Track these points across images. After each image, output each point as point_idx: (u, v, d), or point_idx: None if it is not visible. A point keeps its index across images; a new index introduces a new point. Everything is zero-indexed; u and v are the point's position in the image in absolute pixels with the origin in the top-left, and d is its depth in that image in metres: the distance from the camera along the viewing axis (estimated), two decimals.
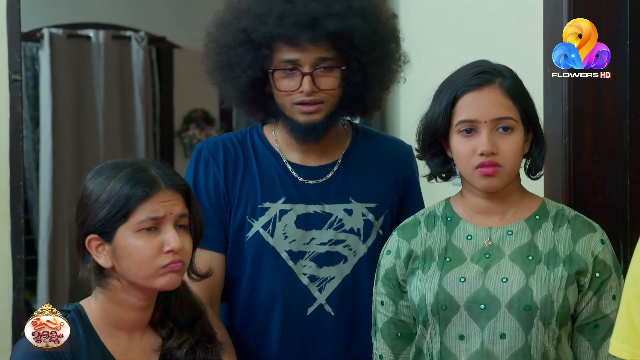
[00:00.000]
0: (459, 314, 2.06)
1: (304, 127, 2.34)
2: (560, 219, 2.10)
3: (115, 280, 1.96)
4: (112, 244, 1.94)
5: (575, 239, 2.06)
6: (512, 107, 2.06)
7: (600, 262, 2.05)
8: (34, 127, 6.39)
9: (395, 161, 2.50)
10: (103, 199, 1.93)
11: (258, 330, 2.41)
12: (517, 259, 2.06)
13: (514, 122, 2.06)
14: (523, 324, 2.01)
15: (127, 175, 1.95)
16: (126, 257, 1.93)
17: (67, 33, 6.42)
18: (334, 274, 2.40)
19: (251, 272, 2.39)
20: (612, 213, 2.45)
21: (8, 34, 3.43)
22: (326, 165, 2.44)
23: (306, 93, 2.29)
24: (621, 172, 2.45)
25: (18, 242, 3.45)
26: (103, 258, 1.95)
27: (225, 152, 2.43)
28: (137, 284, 1.95)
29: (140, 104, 6.70)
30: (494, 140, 2.04)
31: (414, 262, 2.16)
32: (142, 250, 1.93)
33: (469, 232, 2.13)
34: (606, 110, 2.45)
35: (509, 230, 2.10)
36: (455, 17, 2.99)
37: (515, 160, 2.07)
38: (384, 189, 2.46)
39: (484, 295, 2.04)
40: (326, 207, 2.40)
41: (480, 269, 2.07)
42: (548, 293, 2.01)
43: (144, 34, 6.65)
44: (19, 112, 3.44)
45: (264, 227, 2.38)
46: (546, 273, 2.03)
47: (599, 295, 2.05)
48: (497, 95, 2.06)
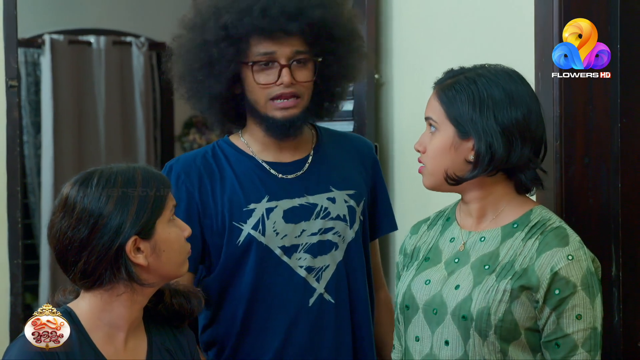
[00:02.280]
0: (417, 315, 2.07)
1: (281, 122, 2.36)
2: (537, 230, 2.02)
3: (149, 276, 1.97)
4: (151, 240, 1.96)
5: (540, 252, 1.96)
6: (437, 108, 2.06)
7: (561, 278, 1.93)
8: (36, 133, 6.39)
9: (360, 152, 2.56)
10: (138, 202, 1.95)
11: (261, 329, 2.41)
12: (474, 267, 2.02)
13: (435, 122, 2.06)
14: (462, 333, 1.98)
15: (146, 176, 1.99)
16: (168, 248, 1.98)
17: (68, 39, 6.43)
18: (328, 262, 2.42)
19: (249, 274, 2.39)
20: (603, 216, 2.43)
21: (4, 40, 3.43)
22: (300, 159, 2.47)
23: (285, 85, 2.33)
24: (612, 175, 2.44)
25: (15, 246, 3.46)
26: (142, 258, 1.95)
27: (198, 165, 2.43)
28: (169, 275, 2.01)
29: (141, 109, 6.70)
30: (424, 140, 2.09)
31: (404, 260, 2.20)
32: (179, 237, 2.01)
33: (454, 234, 2.13)
34: (597, 114, 2.43)
35: (482, 237, 2.06)
36: (448, 21, 2.98)
37: (434, 160, 2.06)
38: (358, 177, 2.51)
39: (438, 301, 2.04)
40: (310, 199, 2.43)
41: (445, 273, 2.07)
42: (486, 305, 1.95)
43: (144, 40, 6.65)
44: (16, 118, 3.44)
45: (254, 227, 2.38)
46: (492, 284, 1.97)
47: (558, 313, 1.94)
48: (433, 96, 2.09)
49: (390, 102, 3.32)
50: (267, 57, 2.33)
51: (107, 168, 2.00)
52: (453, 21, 2.95)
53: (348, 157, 2.53)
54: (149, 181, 1.98)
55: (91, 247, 1.93)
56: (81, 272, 1.94)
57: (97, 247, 1.92)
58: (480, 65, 2.11)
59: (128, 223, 1.93)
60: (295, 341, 2.40)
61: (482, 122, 2.01)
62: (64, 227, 1.95)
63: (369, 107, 3.30)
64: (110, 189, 1.95)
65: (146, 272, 1.96)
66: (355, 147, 2.56)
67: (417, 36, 3.17)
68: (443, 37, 3.01)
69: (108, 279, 1.94)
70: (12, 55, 3.42)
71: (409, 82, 3.22)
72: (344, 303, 2.44)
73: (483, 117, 2.01)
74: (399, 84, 3.28)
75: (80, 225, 1.93)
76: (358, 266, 2.47)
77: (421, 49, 3.14)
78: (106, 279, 1.94)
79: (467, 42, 2.87)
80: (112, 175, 1.97)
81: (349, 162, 2.52)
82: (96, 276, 1.94)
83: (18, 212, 3.45)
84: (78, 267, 1.94)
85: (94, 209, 1.93)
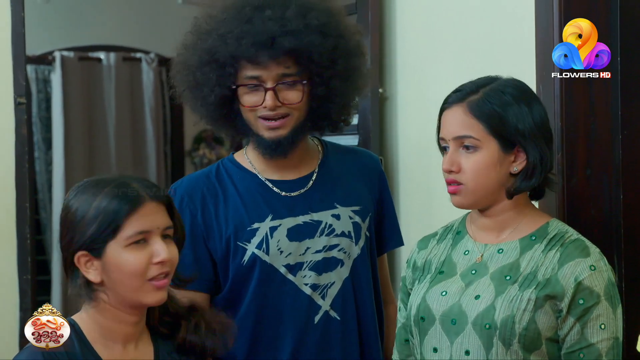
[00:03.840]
0: (434, 326, 2.06)
1: (269, 142, 2.35)
2: (556, 242, 2.03)
3: (104, 295, 1.96)
4: (101, 259, 1.94)
5: (562, 263, 1.98)
6: (476, 125, 2.02)
7: (585, 288, 1.96)
8: (47, 149, 6.41)
9: (366, 167, 2.53)
10: (90, 216, 1.93)
11: (268, 349, 2.40)
12: (495, 278, 2.03)
13: (476, 140, 2.02)
14: (484, 342, 1.98)
15: (112, 191, 1.96)
16: (117, 271, 1.94)
17: (78, 55, 6.46)
18: (333, 279, 2.40)
19: (253, 294, 2.38)
20: (605, 227, 2.44)
21: (13, 58, 3.45)
22: (304, 176, 2.45)
23: (269, 108, 2.31)
24: (614, 186, 2.44)
25: (24, 262, 3.46)
26: (92, 273, 1.95)
27: (201, 187, 2.43)
28: (126, 299, 1.96)
29: (151, 124, 6.72)
30: (456, 158, 2.05)
31: (415, 273, 2.19)
32: (132, 263, 1.94)
33: (468, 247, 2.12)
34: (598, 126, 2.43)
35: (500, 249, 2.07)
36: (450, 35, 2.99)
37: (478, 179, 2.03)
38: (363, 192, 2.49)
39: (456, 311, 2.03)
40: (314, 216, 2.41)
41: (463, 284, 2.06)
42: (511, 314, 1.96)
43: (154, 56, 6.68)
44: (24, 134, 3.46)
45: (258, 247, 2.37)
46: (515, 294, 1.98)
47: (582, 322, 1.96)
48: (460, 113, 2.04)
49: (394, 116, 3.32)
50: (253, 81, 2.31)
51: (93, 179, 2.01)
52: (455, 35, 2.96)
53: (354, 172, 2.51)
54: (110, 198, 1.95)
55: (64, 256, 1.97)
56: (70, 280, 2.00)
57: (64, 256, 1.97)
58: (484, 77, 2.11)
59: (77, 236, 1.94)
60: (303, 359, 2.39)
61: (527, 131, 2.02)
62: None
63: (373, 121, 3.30)
64: (78, 199, 1.96)
65: (106, 289, 1.96)
66: (361, 162, 2.54)
67: (420, 50, 3.18)
68: (446, 52, 3.02)
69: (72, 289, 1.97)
70: (21, 72, 3.44)
71: (412, 96, 3.22)
72: (351, 319, 2.42)
73: (526, 126, 2.02)
74: (403, 98, 3.28)
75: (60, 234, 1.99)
76: (365, 282, 2.45)
77: (424, 63, 3.15)
78: (82, 291, 1.96)
79: (469, 55, 2.88)
80: (89, 185, 1.98)
81: (355, 177, 2.50)
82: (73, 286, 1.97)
83: (27, 227, 3.46)
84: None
85: (64, 218, 1.97)
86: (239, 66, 2.31)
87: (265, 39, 2.26)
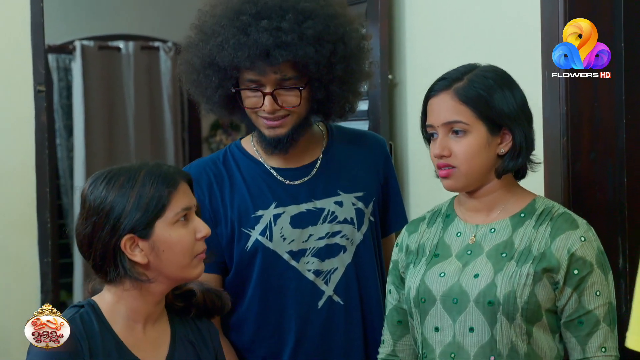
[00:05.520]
0: (435, 307, 2.08)
1: (269, 140, 2.36)
2: (545, 217, 2.06)
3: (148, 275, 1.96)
4: (149, 240, 1.94)
5: (554, 237, 2.02)
6: (464, 110, 2.04)
7: (578, 259, 2.00)
8: (68, 136, 6.43)
9: (372, 151, 2.53)
10: (134, 201, 1.93)
11: (272, 333, 2.41)
12: (491, 256, 2.05)
13: (465, 125, 2.04)
14: (488, 318, 2.01)
15: (150, 173, 1.97)
16: (167, 249, 1.95)
17: (98, 45, 6.45)
18: (336, 265, 2.40)
19: (257, 279, 2.39)
20: (610, 210, 2.44)
21: (32, 47, 3.45)
22: (308, 164, 2.45)
23: (267, 112, 2.31)
24: (618, 170, 2.44)
25: (45, 246, 3.48)
26: (139, 255, 1.95)
27: (208, 172, 2.43)
28: (172, 275, 1.98)
29: (169, 111, 6.72)
30: (447, 144, 2.06)
31: (409, 257, 2.20)
32: (183, 239, 1.96)
33: (459, 229, 2.14)
34: (603, 111, 2.43)
35: (492, 228, 2.09)
36: (457, 23, 2.98)
37: (469, 162, 2.05)
38: (367, 178, 2.48)
39: (457, 290, 2.05)
40: (317, 203, 2.41)
41: (460, 265, 2.08)
42: (512, 289, 1.99)
43: (171, 44, 6.67)
44: (44, 122, 3.46)
45: (262, 233, 2.38)
46: (514, 270, 2.01)
47: (579, 291, 2.01)
48: (448, 100, 2.06)
49: (403, 102, 3.32)
50: (253, 84, 2.30)
51: (118, 167, 2.01)
52: (462, 23, 2.96)
53: (359, 157, 2.50)
54: (151, 181, 1.96)
55: (95, 243, 1.95)
56: (93, 267, 1.97)
57: (98, 243, 1.94)
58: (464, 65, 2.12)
59: (123, 221, 1.93)
60: (307, 343, 2.40)
61: (512, 113, 2.05)
62: (77, 224, 1.98)
63: (383, 107, 3.29)
64: (111, 187, 1.95)
65: (148, 269, 1.96)
66: (367, 147, 2.53)
67: (428, 38, 3.17)
68: (453, 39, 3.01)
69: (113, 273, 1.95)
70: (40, 61, 3.44)
71: (421, 82, 3.21)
72: (355, 304, 2.43)
73: (511, 109, 2.05)
74: (412, 84, 3.28)
75: (87, 222, 1.96)
76: (368, 267, 2.45)
77: (432, 50, 3.14)
78: (112, 274, 1.95)
79: (476, 43, 2.88)
80: (116, 174, 1.98)
81: (359, 162, 2.49)
82: (104, 271, 1.96)
83: (47, 212, 3.47)
84: (90, 262, 1.97)
85: (96, 206, 1.95)
86: (239, 70, 2.30)
87: (260, 52, 2.24)
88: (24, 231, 3.44)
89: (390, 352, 2.24)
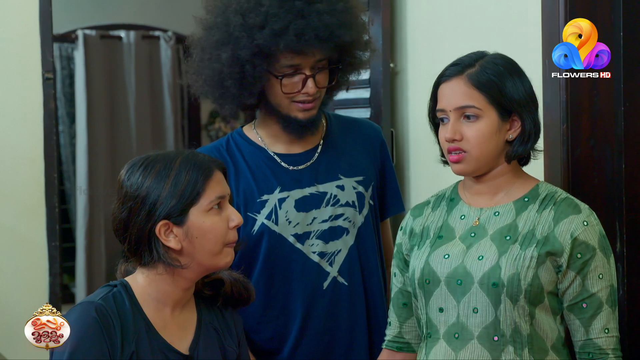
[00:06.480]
0: (439, 288, 2.09)
1: (303, 122, 2.38)
2: (548, 201, 2.08)
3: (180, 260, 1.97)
4: (183, 226, 1.96)
5: (557, 221, 2.03)
6: (477, 95, 2.05)
7: (581, 243, 2.01)
8: (70, 123, 6.44)
9: (368, 137, 2.56)
10: (170, 188, 1.95)
11: (278, 315, 2.43)
12: (495, 239, 2.07)
13: (478, 110, 2.05)
14: (492, 299, 2.02)
15: (186, 161, 1.98)
16: (201, 236, 1.96)
17: (99, 34, 6.47)
18: (340, 247, 2.43)
19: (264, 262, 2.42)
20: (608, 195, 2.45)
21: (41, 36, 3.44)
22: (310, 150, 2.48)
23: (311, 94, 2.35)
24: (617, 156, 2.45)
25: (53, 230, 3.48)
26: (173, 241, 1.96)
27: None
28: (203, 262, 1.99)
29: (169, 99, 6.73)
30: (459, 128, 2.07)
31: (413, 239, 2.21)
32: (216, 227, 1.97)
33: (463, 212, 2.15)
34: (601, 99, 2.44)
35: (496, 211, 2.10)
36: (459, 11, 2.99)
37: (480, 146, 2.06)
38: (366, 163, 2.51)
39: (461, 272, 2.07)
40: (320, 187, 2.44)
41: (464, 247, 2.09)
42: (516, 271, 2.00)
43: (171, 34, 6.68)
44: (52, 108, 3.46)
45: (267, 217, 2.40)
46: (518, 252, 2.02)
47: (582, 275, 2.02)
48: (461, 85, 2.07)
49: (405, 90, 3.32)
50: (293, 69, 2.33)
51: (155, 154, 2.02)
52: (465, 11, 2.96)
53: (356, 143, 2.53)
54: (186, 169, 1.97)
55: (130, 228, 1.96)
56: (128, 250, 1.99)
57: (134, 228, 1.96)
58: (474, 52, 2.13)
59: (158, 207, 1.94)
60: (313, 323, 2.42)
61: (522, 100, 2.06)
62: (114, 208, 2.00)
63: (384, 94, 3.30)
64: (147, 174, 1.96)
65: (182, 255, 1.97)
66: (363, 133, 2.56)
67: (430, 27, 3.18)
68: (454, 26, 3.02)
69: (147, 258, 1.96)
70: (48, 49, 3.44)
71: (422, 70, 3.23)
72: (358, 285, 2.45)
73: (520, 95, 2.06)
74: (413, 72, 3.28)
75: (123, 207, 1.97)
76: (370, 249, 2.48)
77: (434, 39, 3.15)
78: (146, 257, 1.96)
79: (477, 32, 2.88)
80: (153, 161, 1.99)
81: (357, 148, 2.52)
82: (138, 255, 1.97)
83: (55, 197, 3.47)
84: (125, 246, 1.98)
85: (132, 192, 1.96)
86: (280, 56, 2.32)
87: (325, 34, 2.29)
88: (33, 215, 3.44)
89: (397, 334, 2.26)
